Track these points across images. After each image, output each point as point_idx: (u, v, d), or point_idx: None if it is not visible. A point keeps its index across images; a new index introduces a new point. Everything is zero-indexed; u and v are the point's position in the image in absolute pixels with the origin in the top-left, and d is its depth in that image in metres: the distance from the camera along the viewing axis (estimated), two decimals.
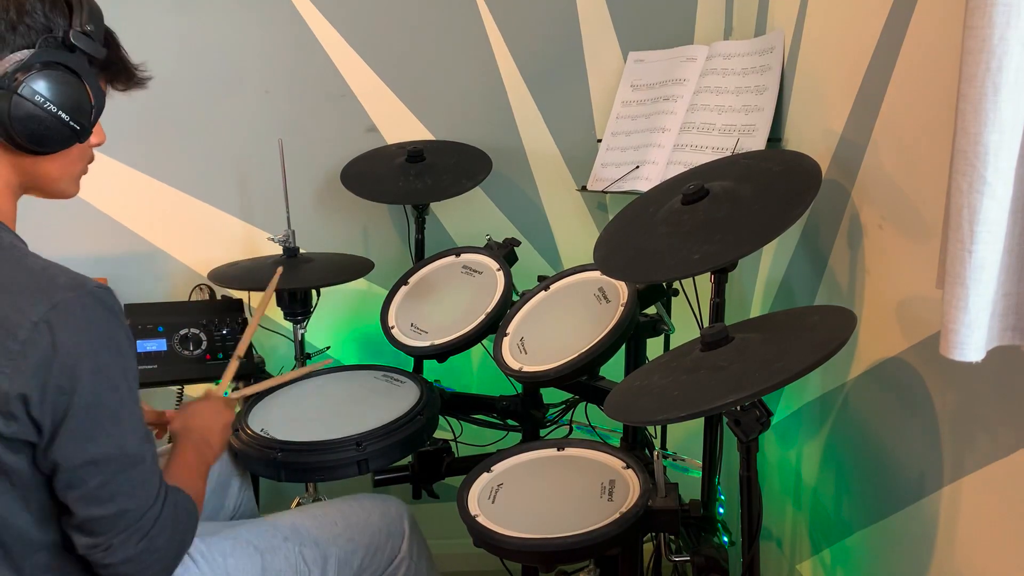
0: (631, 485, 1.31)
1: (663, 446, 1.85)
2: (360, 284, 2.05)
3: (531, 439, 1.72)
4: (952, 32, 0.96)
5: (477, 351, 1.98)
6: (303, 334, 1.86)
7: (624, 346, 1.51)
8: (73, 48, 1.02)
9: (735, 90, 1.73)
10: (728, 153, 1.65)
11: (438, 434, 1.71)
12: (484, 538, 1.25)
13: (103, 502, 1.00)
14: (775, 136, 1.67)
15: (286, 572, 1.28)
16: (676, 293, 1.60)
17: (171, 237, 2.08)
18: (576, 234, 2.10)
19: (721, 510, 1.42)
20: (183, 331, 1.78)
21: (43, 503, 1.02)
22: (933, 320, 1.07)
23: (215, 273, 1.80)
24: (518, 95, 2.03)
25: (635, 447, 1.61)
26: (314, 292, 1.83)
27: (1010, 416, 0.95)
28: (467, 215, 2.09)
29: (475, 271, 1.78)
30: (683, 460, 1.61)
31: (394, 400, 1.61)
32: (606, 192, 1.90)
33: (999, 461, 0.97)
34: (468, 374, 2.17)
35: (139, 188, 2.03)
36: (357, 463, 1.47)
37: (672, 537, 1.40)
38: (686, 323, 1.57)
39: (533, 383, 1.67)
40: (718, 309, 1.36)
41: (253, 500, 1.59)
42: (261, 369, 1.88)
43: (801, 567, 1.66)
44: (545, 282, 1.66)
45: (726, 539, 1.38)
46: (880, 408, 1.30)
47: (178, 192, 2.04)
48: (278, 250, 1.84)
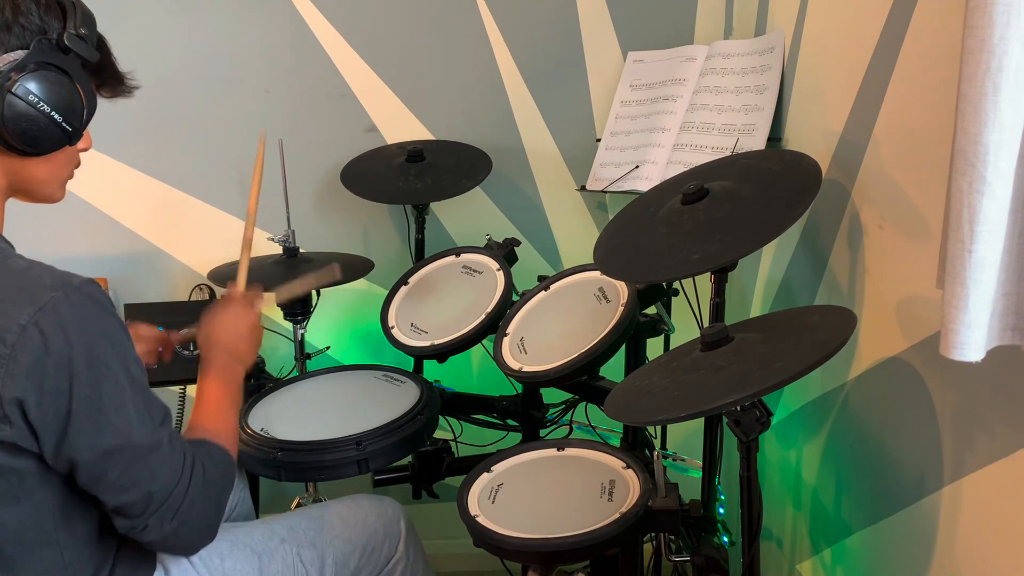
0: (631, 485, 1.31)
1: (663, 446, 1.85)
2: (360, 284, 2.05)
3: (531, 439, 1.72)
4: (952, 32, 0.96)
5: (477, 351, 1.98)
6: (303, 334, 1.86)
7: (624, 346, 1.51)
8: (67, 50, 1.02)
9: (735, 90, 1.73)
10: (728, 153, 1.65)
11: (438, 434, 1.71)
12: (484, 538, 1.25)
13: (127, 489, 1.01)
14: (775, 136, 1.66)
15: (284, 574, 1.28)
16: (676, 293, 1.60)
17: (171, 237, 2.08)
18: (576, 234, 2.10)
19: (721, 510, 1.42)
20: (183, 331, 1.77)
21: (42, 504, 1.01)
22: (933, 320, 1.07)
23: (215, 273, 1.80)
24: (518, 95, 2.03)
25: (635, 447, 1.61)
26: (314, 292, 1.83)
27: (1010, 416, 0.95)
28: (467, 215, 2.09)
29: (475, 271, 1.78)
30: (683, 460, 1.61)
31: (394, 400, 1.61)
32: (606, 192, 1.90)
33: (999, 461, 0.97)
34: (468, 374, 2.17)
35: (139, 188, 2.03)
36: (357, 463, 1.47)
37: (672, 537, 1.40)
38: (686, 323, 1.57)
39: (533, 383, 1.67)
40: (718, 309, 1.36)
41: (250, 501, 1.58)
42: (261, 369, 1.88)
43: (801, 567, 1.66)
44: (545, 282, 1.66)
45: (726, 539, 1.38)
46: (880, 408, 1.30)
47: (178, 192, 2.04)
48: (278, 250, 1.84)
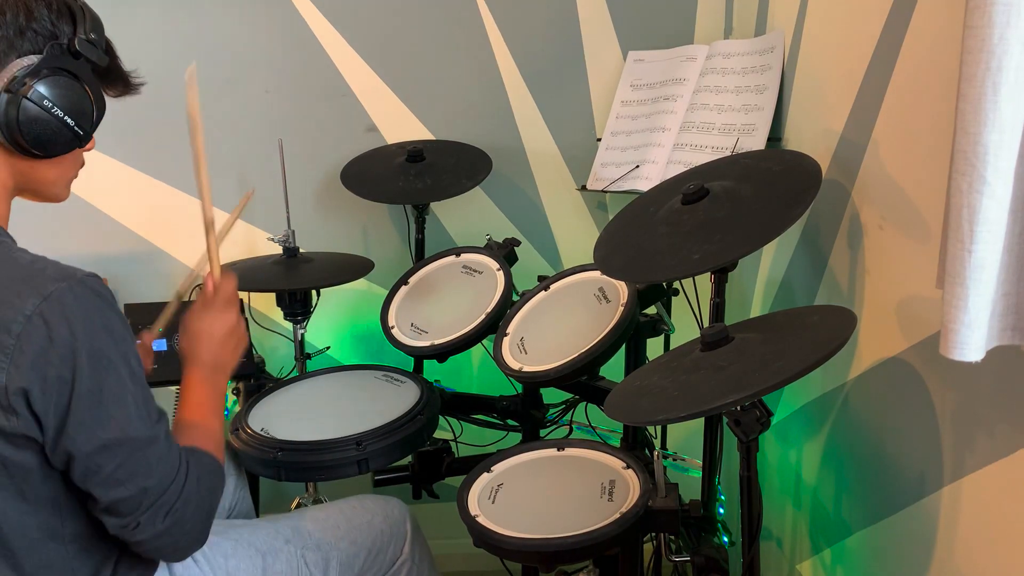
0: (631, 485, 1.31)
1: (663, 446, 1.85)
2: (360, 284, 2.05)
3: (531, 439, 1.72)
4: (952, 32, 0.96)
5: (477, 351, 1.98)
6: (303, 334, 1.86)
7: (624, 346, 1.51)
8: (78, 55, 1.05)
9: (735, 90, 1.73)
10: (728, 153, 1.65)
11: (438, 434, 1.71)
12: (484, 538, 1.25)
13: (123, 483, 1.01)
14: (775, 136, 1.66)
15: (287, 575, 1.28)
16: (676, 293, 1.60)
17: (171, 237, 2.07)
18: (576, 234, 2.10)
19: (721, 510, 1.42)
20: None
21: (46, 499, 1.02)
22: (933, 320, 1.07)
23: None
24: (518, 95, 2.03)
25: (635, 447, 1.61)
26: (314, 292, 1.83)
27: (1010, 416, 0.95)
28: (467, 215, 2.09)
29: (475, 271, 1.78)
30: (683, 460, 1.61)
31: (394, 400, 1.61)
32: (606, 192, 1.90)
33: (999, 461, 0.97)
34: (468, 374, 2.17)
35: (139, 188, 2.02)
36: (357, 463, 1.47)
37: (672, 537, 1.40)
38: (686, 323, 1.57)
39: (533, 383, 1.67)
40: (718, 309, 1.36)
41: (249, 499, 1.59)
42: (261, 369, 1.88)
43: (801, 567, 1.66)
44: (545, 282, 1.66)
45: (726, 539, 1.37)
46: (880, 408, 1.30)
47: (178, 192, 2.04)
48: (278, 250, 1.84)
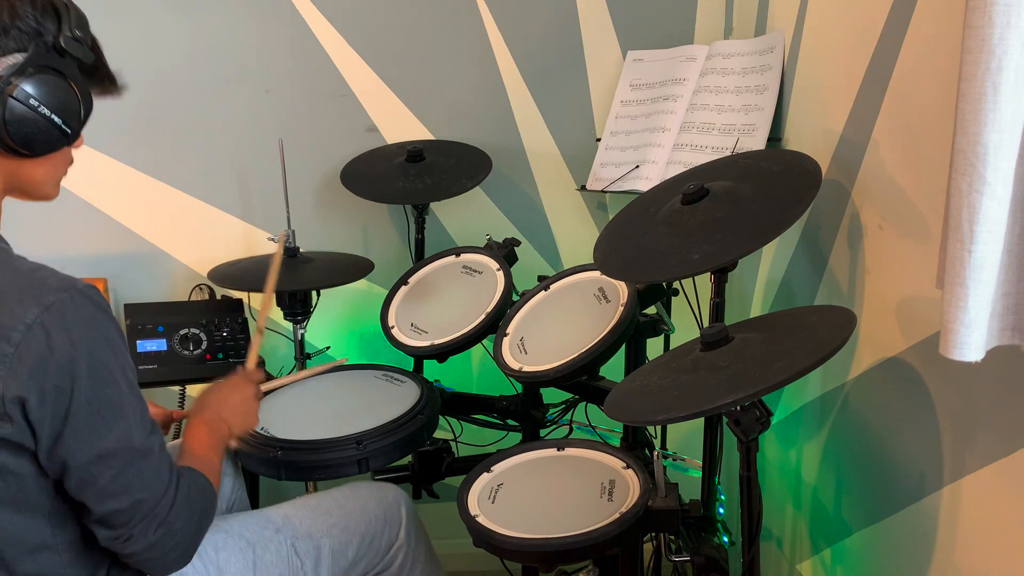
0: (631, 485, 1.31)
1: (663, 446, 1.85)
2: (360, 284, 2.04)
3: (531, 439, 1.72)
4: (952, 32, 0.96)
5: (477, 351, 1.98)
6: (303, 334, 1.86)
7: (624, 346, 1.51)
8: (63, 53, 1.04)
9: (735, 90, 1.73)
10: (728, 153, 1.65)
11: (438, 434, 1.71)
12: (484, 538, 1.25)
13: (117, 495, 1.01)
14: (775, 136, 1.66)
15: (278, 565, 1.28)
16: (676, 293, 1.60)
17: (171, 237, 2.07)
18: (576, 234, 2.10)
19: (721, 510, 1.42)
20: (183, 331, 1.78)
21: (40, 507, 1.02)
22: (933, 320, 1.07)
23: (215, 273, 1.80)
24: (518, 95, 2.03)
25: (635, 447, 1.61)
26: (314, 292, 1.83)
27: (1010, 416, 0.95)
28: (467, 215, 2.09)
29: (475, 271, 1.78)
30: (683, 460, 1.61)
31: (394, 400, 1.61)
32: (606, 192, 1.90)
33: (999, 461, 0.97)
34: (468, 374, 2.17)
35: (139, 188, 2.02)
36: (357, 462, 1.47)
37: (672, 537, 1.40)
38: (686, 323, 1.57)
39: (533, 383, 1.67)
40: (718, 309, 1.36)
41: (246, 498, 1.58)
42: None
43: (801, 567, 1.66)
44: (545, 282, 1.66)
45: (726, 539, 1.37)
46: (880, 408, 1.30)
47: (178, 192, 2.04)
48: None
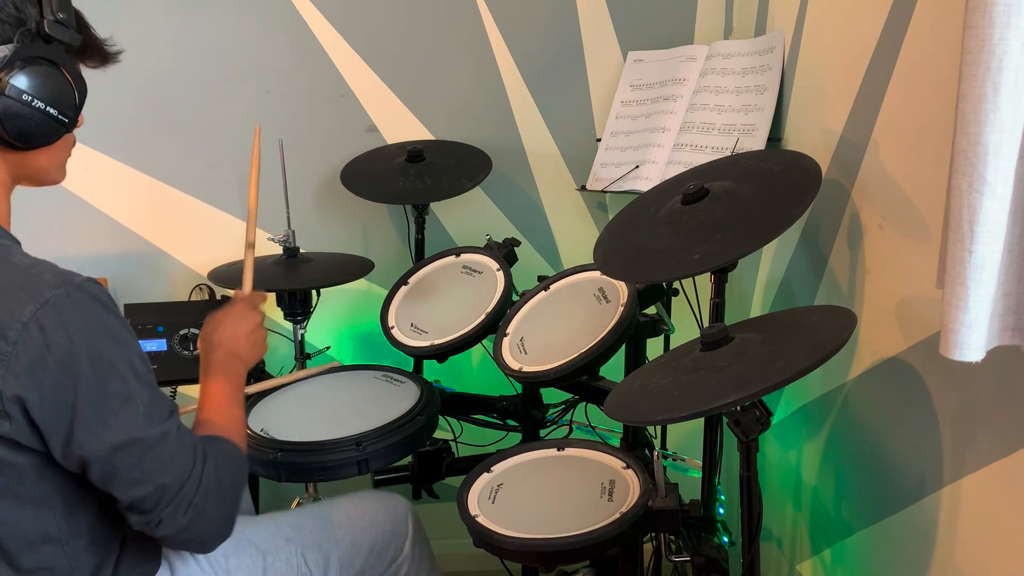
0: (631, 485, 1.31)
1: (663, 446, 1.85)
2: (360, 284, 2.05)
3: (531, 439, 1.72)
4: (952, 32, 0.96)
5: (477, 351, 1.98)
6: (303, 334, 1.86)
7: (624, 346, 1.51)
8: (49, 39, 1.01)
9: (735, 90, 1.73)
10: (728, 153, 1.65)
11: (438, 434, 1.71)
12: (484, 538, 1.25)
13: (140, 482, 1.00)
14: (775, 136, 1.66)
15: (287, 574, 1.28)
16: (676, 293, 1.60)
17: (171, 237, 2.07)
18: (576, 234, 2.10)
19: (721, 510, 1.42)
20: (183, 331, 1.78)
21: (41, 501, 1.01)
22: (933, 320, 1.07)
23: (215, 273, 1.80)
24: (518, 95, 2.03)
25: (635, 447, 1.61)
26: (314, 292, 1.83)
27: (1010, 416, 0.95)
28: (467, 215, 2.09)
29: (475, 271, 1.78)
30: (683, 460, 1.61)
31: (394, 400, 1.61)
32: (606, 192, 1.90)
33: (999, 461, 0.97)
34: (468, 374, 2.17)
35: (139, 188, 2.02)
36: (357, 463, 1.47)
37: (672, 537, 1.40)
38: (686, 323, 1.57)
39: (533, 383, 1.67)
40: (718, 309, 1.36)
41: (250, 499, 1.58)
42: (261, 369, 1.88)
43: (801, 567, 1.66)
44: (545, 282, 1.66)
45: (726, 539, 1.37)
46: (880, 408, 1.30)
47: (178, 192, 2.04)
48: (278, 250, 1.84)
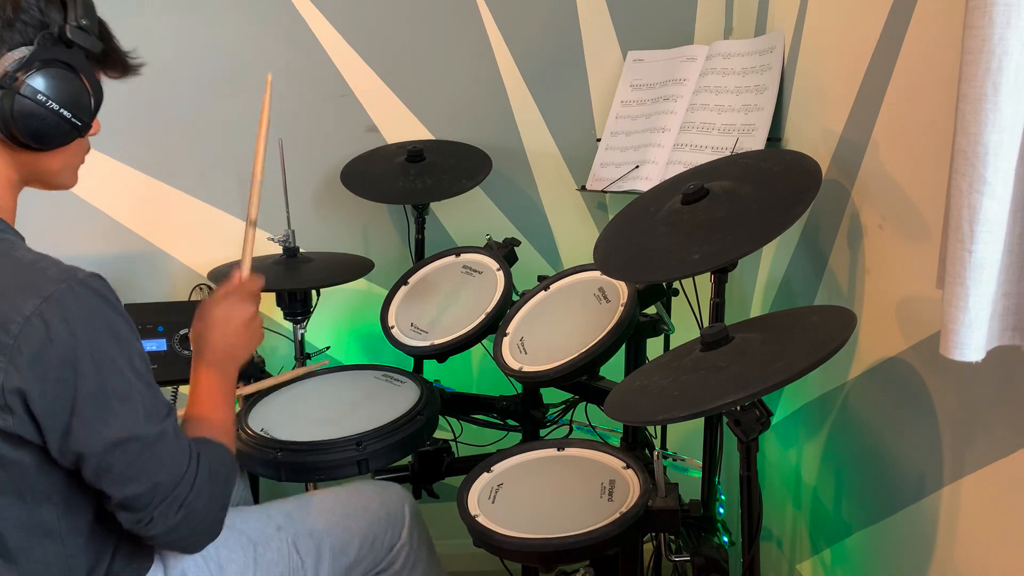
0: (631, 485, 1.31)
1: (663, 446, 1.85)
2: (360, 284, 2.05)
3: (531, 439, 1.72)
4: (952, 32, 0.96)
5: (477, 351, 1.98)
6: (303, 334, 1.86)
7: (624, 346, 1.51)
8: (70, 44, 1.02)
9: (735, 90, 1.73)
10: (728, 153, 1.65)
11: (438, 434, 1.71)
12: (484, 538, 1.25)
13: (134, 480, 1.01)
14: (775, 136, 1.66)
15: (278, 564, 1.28)
16: (676, 293, 1.60)
17: (171, 237, 2.07)
18: (576, 234, 2.10)
19: (721, 510, 1.42)
20: (183, 331, 1.78)
21: (42, 496, 1.01)
22: (933, 320, 1.07)
23: (215, 273, 1.80)
24: (518, 95, 2.03)
25: (635, 447, 1.61)
26: (314, 292, 1.83)
27: (1010, 416, 0.95)
28: (467, 215, 2.09)
29: (475, 271, 1.78)
30: (683, 460, 1.61)
31: (394, 400, 1.61)
32: (606, 192, 1.90)
33: (999, 461, 0.97)
34: (468, 374, 2.17)
35: (139, 188, 2.02)
36: (357, 463, 1.47)
37: (672, 537, 1.40)
38: (686, 323, 1.57)
39: (533, 383, 1.67)
40: (718, 309, 1.36)
41: (251, 497, 1.58)
42: (261, 369, 1.88)
43: (801, 567, 1.66)
44: (545, 282, 1.66)
45: (726, 539, 1.37)
46: (880, 408, 1.30)
47: (178, 192, 2.04)
48: (278, 250, 1.84)
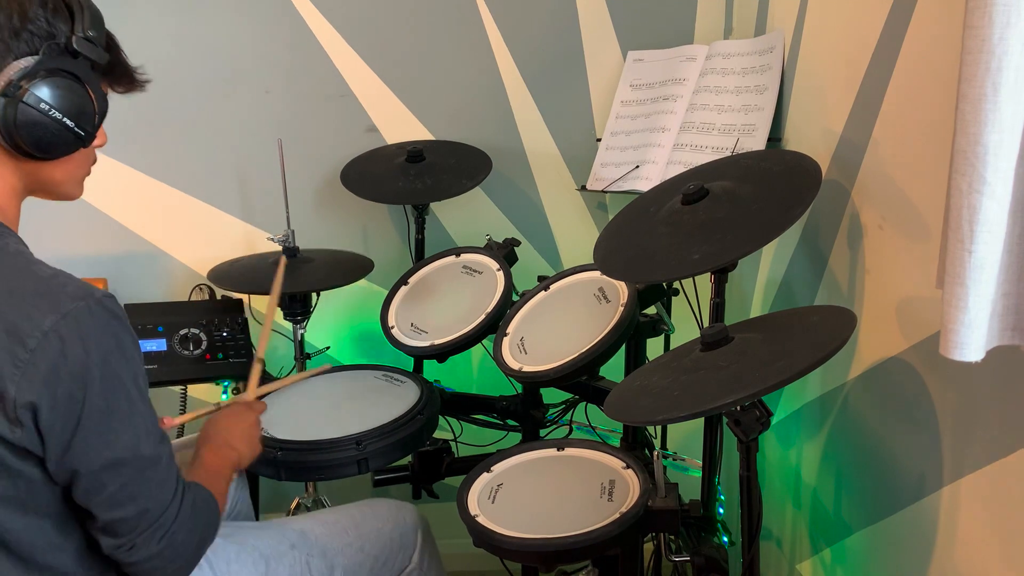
0: (631, 485, 1.31)
1: (663, 446, 1.85)
2: (360, 284, 2.04)
3: (531, 439, 1.72)
4: (952, 32, 0.96)
5: (477, 351, 1.98)
6: (303, 334, 1.86)
7: (624, 346, 1.51)
8: (76, 54, 1.03)
9: (735, 90, 1.73)
10: (728, 153, 1.65)
11: (438, 434, 1.71)
12: (484, 538, 1.25)
13: (124, 504, 1.01)
14: (775, 136, 1.66)
15: None
16: (676, 293, 1.60)
17: (171, 237, 2.08)
18: (576, 234, 2.10)
19: (721, 510, 1.42)
20: (183, 331, 1.78)
21: (49, 510, 1.01)
22: (933, 320, 1.07)
23: (215, 273, 1.80)
24: (518, 95, 2.03)
25: (635, 447, 1.61)
26: (314, 292, 1.83)
27: (1010, 416, 0.95)
28: (467, 215, 2.09)
29: (475, 271, 1.78)
30: (683, 460, 1.61)
31: (394, 400, 1.61)
32: (606, 192, 1.90)
33: (999, 461, 0.97)
34: (468, 374, 2.17)
35: (139, 188, 2.03)
36: (357, 462, 1.47)
37: (672, 537, 1.40)
38: (686, 323, 1.57)
39: (533, 383, 1.67)
40: (718, 309, 1.36)
41: (249, 501, 1.58)
42: (262, 370, 1.88)
43: (801, 567, 1.66)
44: (545, 282, 1.66)
45: (726, 539, 1.38)
46: (880, 408, 1.30)
47: (178, 192, 2.04)
48: (278, 250, 1.84)
